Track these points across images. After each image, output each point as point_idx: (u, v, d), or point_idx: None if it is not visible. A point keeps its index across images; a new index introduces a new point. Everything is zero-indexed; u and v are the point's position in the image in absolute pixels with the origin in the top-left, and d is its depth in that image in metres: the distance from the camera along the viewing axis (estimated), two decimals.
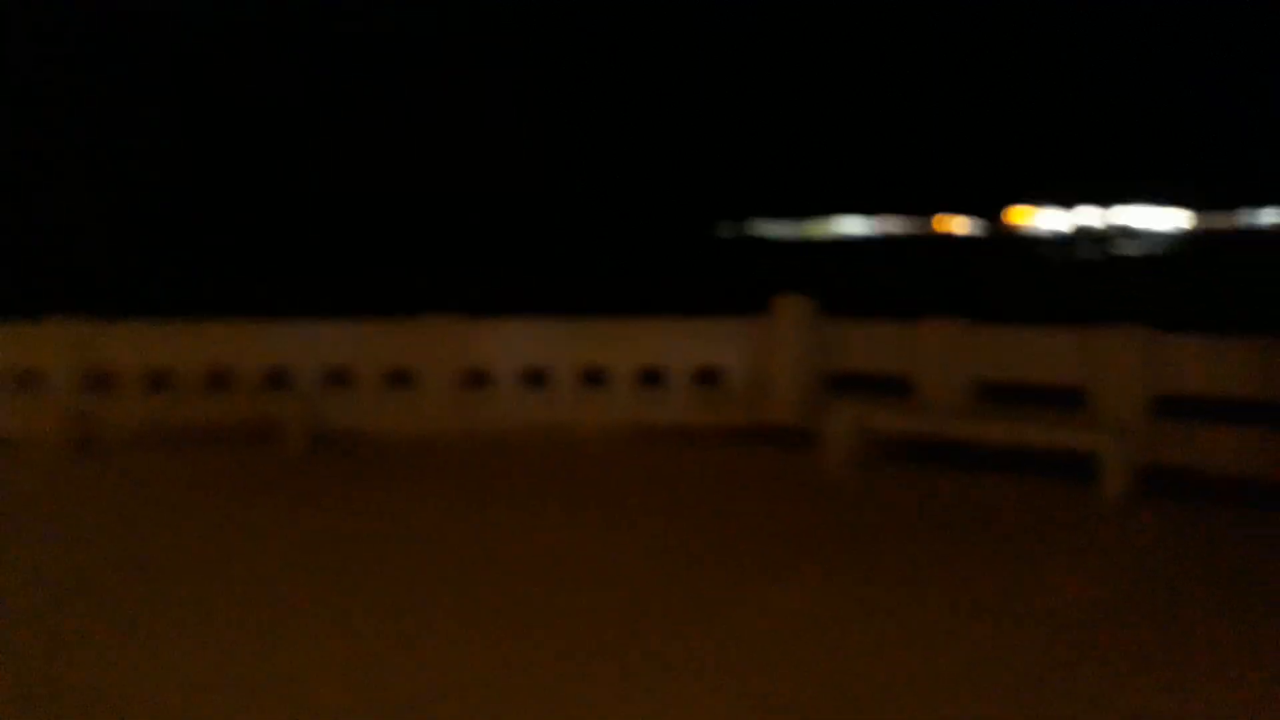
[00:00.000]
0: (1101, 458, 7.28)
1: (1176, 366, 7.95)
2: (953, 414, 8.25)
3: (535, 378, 9.81)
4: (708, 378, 9.82)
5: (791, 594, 5.49)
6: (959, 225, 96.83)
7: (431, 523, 6.84)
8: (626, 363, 9.74)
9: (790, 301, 9.72)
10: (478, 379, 9.79)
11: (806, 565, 5.95)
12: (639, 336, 9.85)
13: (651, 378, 9.82)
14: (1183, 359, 7.97)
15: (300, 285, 32.44)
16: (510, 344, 9.81)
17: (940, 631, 4.96)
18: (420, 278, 37.44)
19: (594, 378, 9.81)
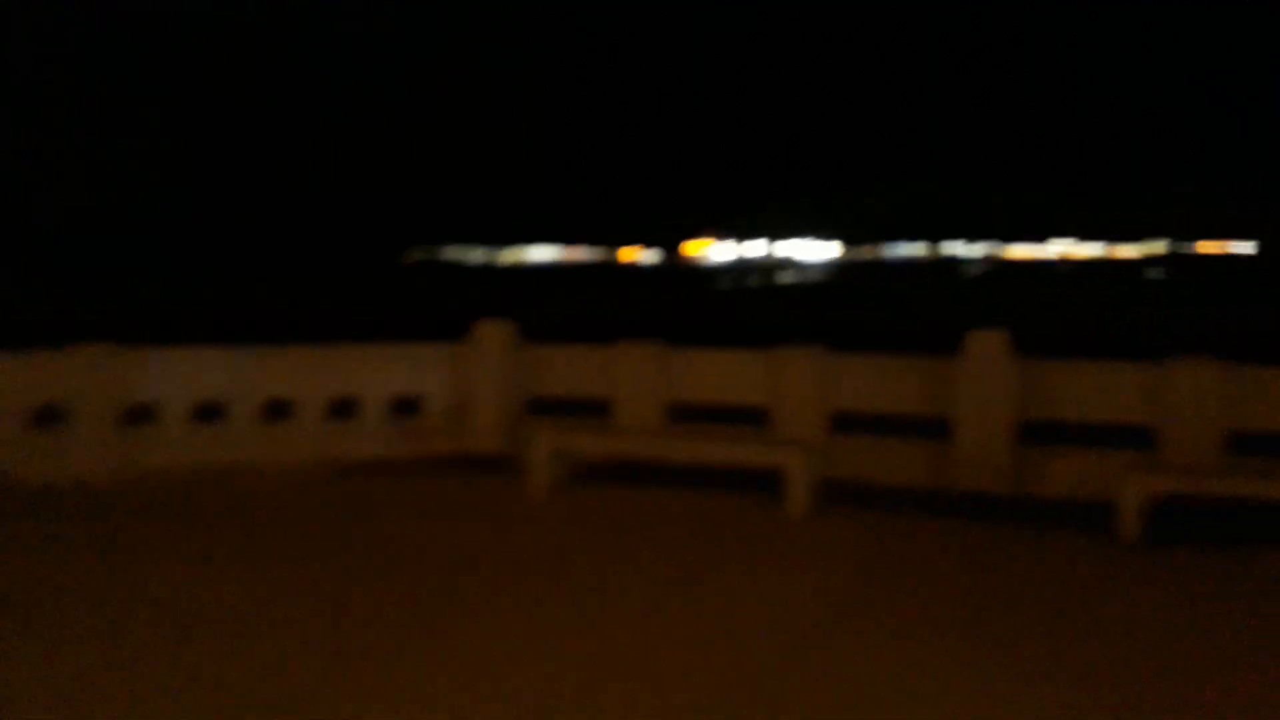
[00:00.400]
0: (786, 473, 7.70)
1: (850, 384, 8.58)
2: (649, 435, 8.46)
3: (212, 412, 9.10)
4: (406, 406, 9.52)
5: (489, 625, 5.38)
6: (641, 255, 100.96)
7: (54, 580, 6.10)
8: (316, 393, 9.25)
9: (491, 326, 9.62)
10: (141, 415, 8.93)
11: (501, 595, 5.85)
12: (330, 365, 9.39)
13: (345, 409, 9.39)
14: (855, 377, 8.62)
15: None
16: (179, 375, 9.01)
17: (632, 656, 4.99)
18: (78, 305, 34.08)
19: (280, 411, 9.24)
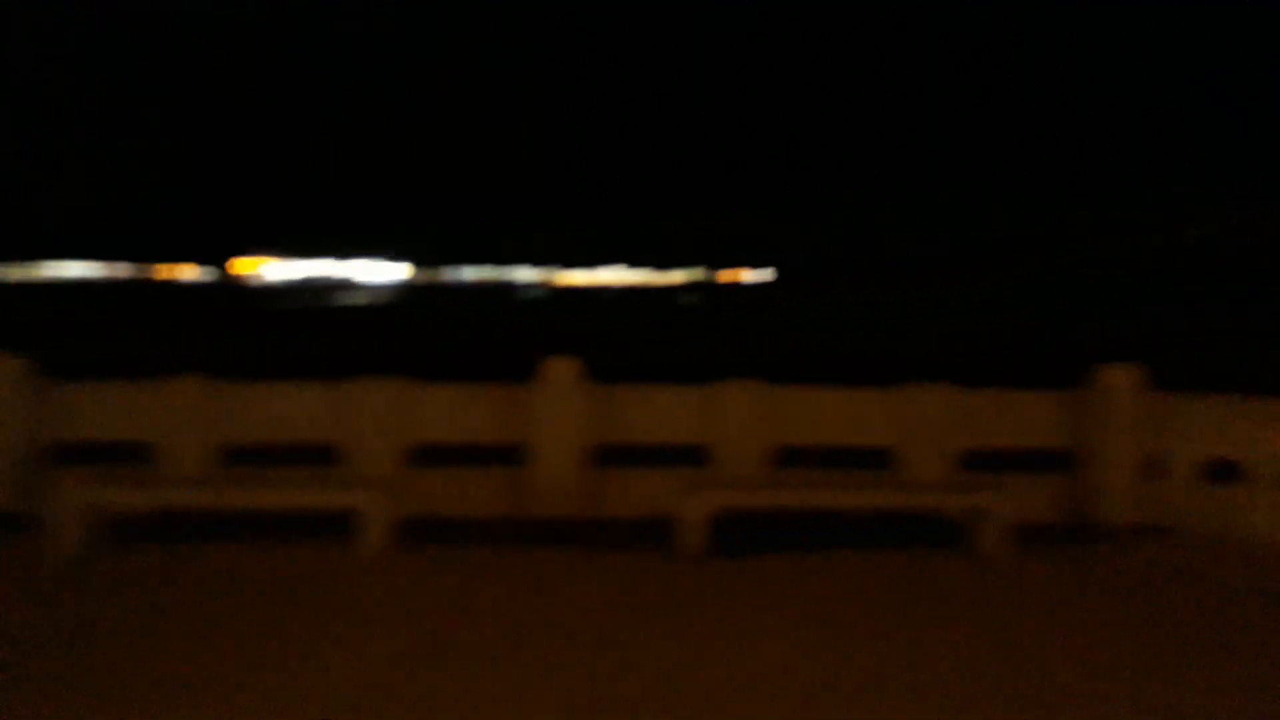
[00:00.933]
0: (359, 514, 7.24)
1: (426, 415, 8.28)
2: (202, 482, 7.60)
3: None
4: None
5: None
6: (186, 272, 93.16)
7: None
8: None
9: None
10: None
11: (8, 690, 4.91)
12: None
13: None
14: (431, 407, 8.33)
15: None
16: None
17: None
18: None
19: None
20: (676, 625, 5.93)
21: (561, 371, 8.31)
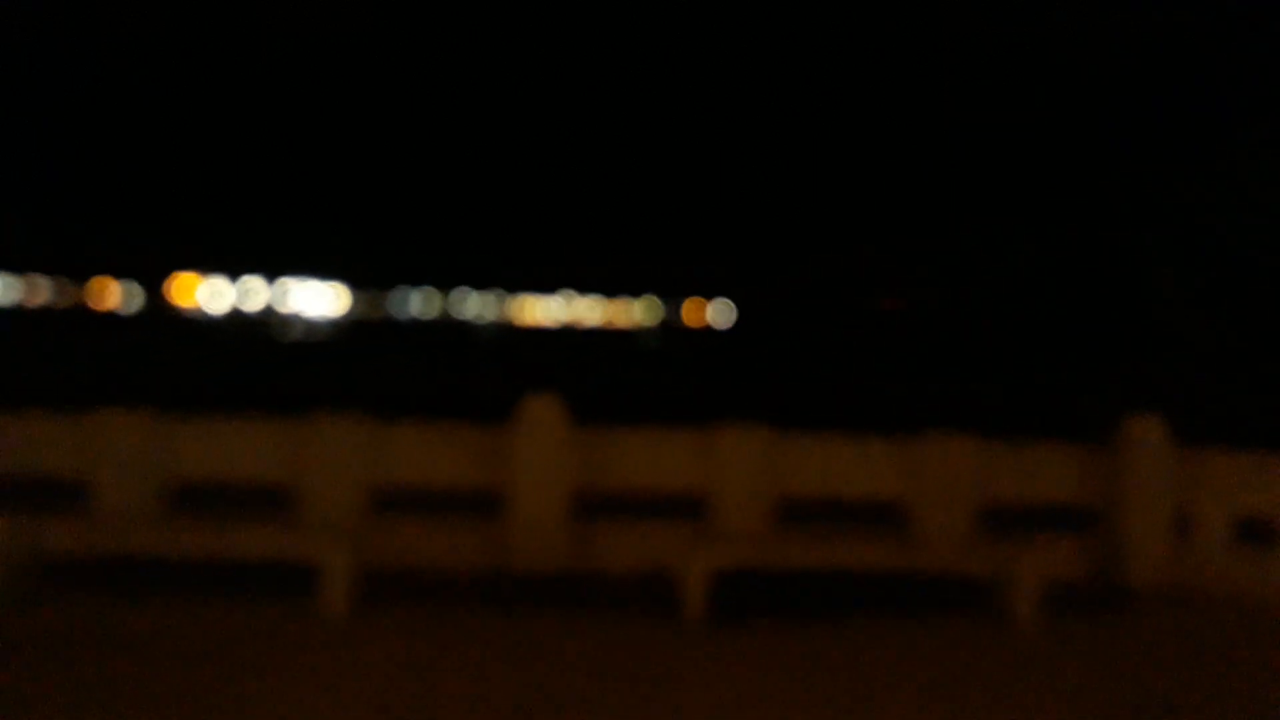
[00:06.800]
0: (321, 567, 6.43)
1: (394, 456, 7.51)
2: (145, 525, 6.73)
3: None
4: None
5: None
6: (114, 294, 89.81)
7: None
8: None
9: None
10: None
11: None
12: None
13: None
14: (399, 447, 7.56)
15: None
16: None
17: None
18: None
19: None
20: (679, 699, 5.22)
21: (542, 411, 7.60)
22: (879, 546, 7.01)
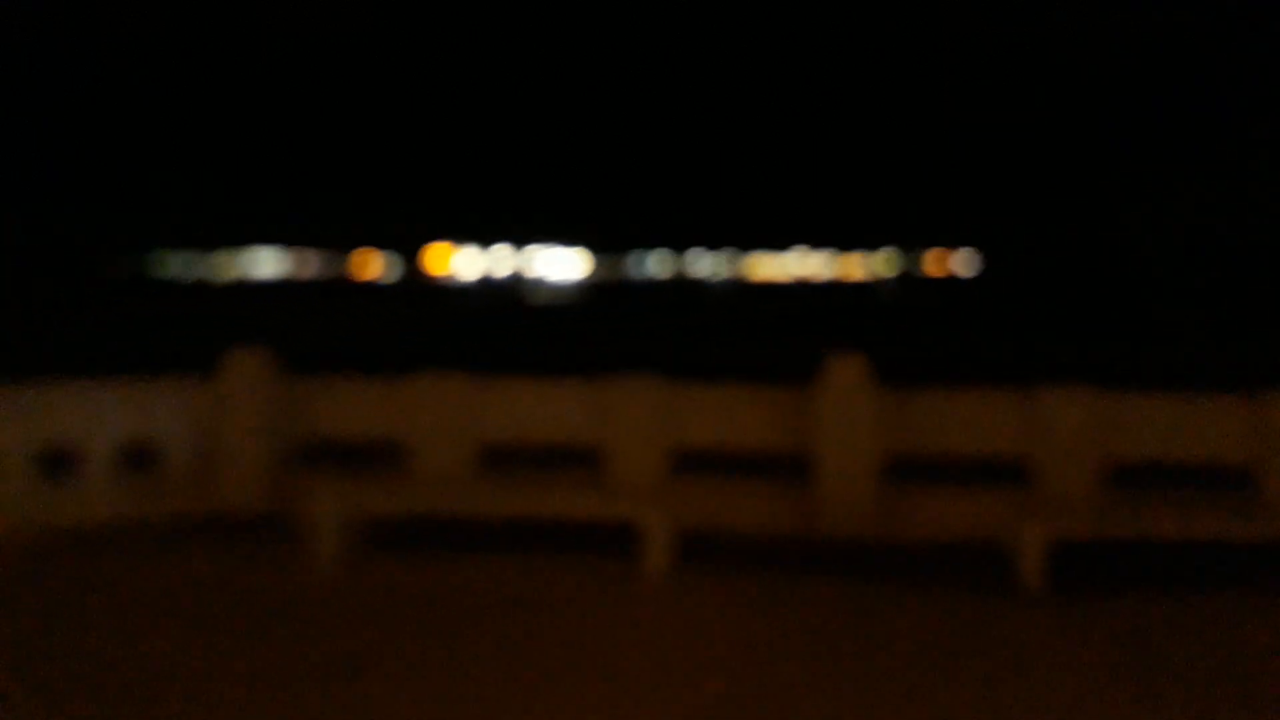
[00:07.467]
0: (641, 529, 6.40)
1: (695, 418, 7.40)
2: (465, 487, 6.91)
3: None
4: (138, 457, 7.51)
5: None
6: (376, 265, 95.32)
7: None
8: (18, 443, 7.11)
9: (246, 354, 7.77)
10: None
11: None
12: (35, 405, 7.26)
13: (58, 461, 7.28)
14: (700, 410, 7.45)
15: None
16: None
17: None
18: None
19: None
20: (1037, 681, 4.83)
21: (848, 371, 7.28)
22: (1236, 516, 6.31)
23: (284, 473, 7.61)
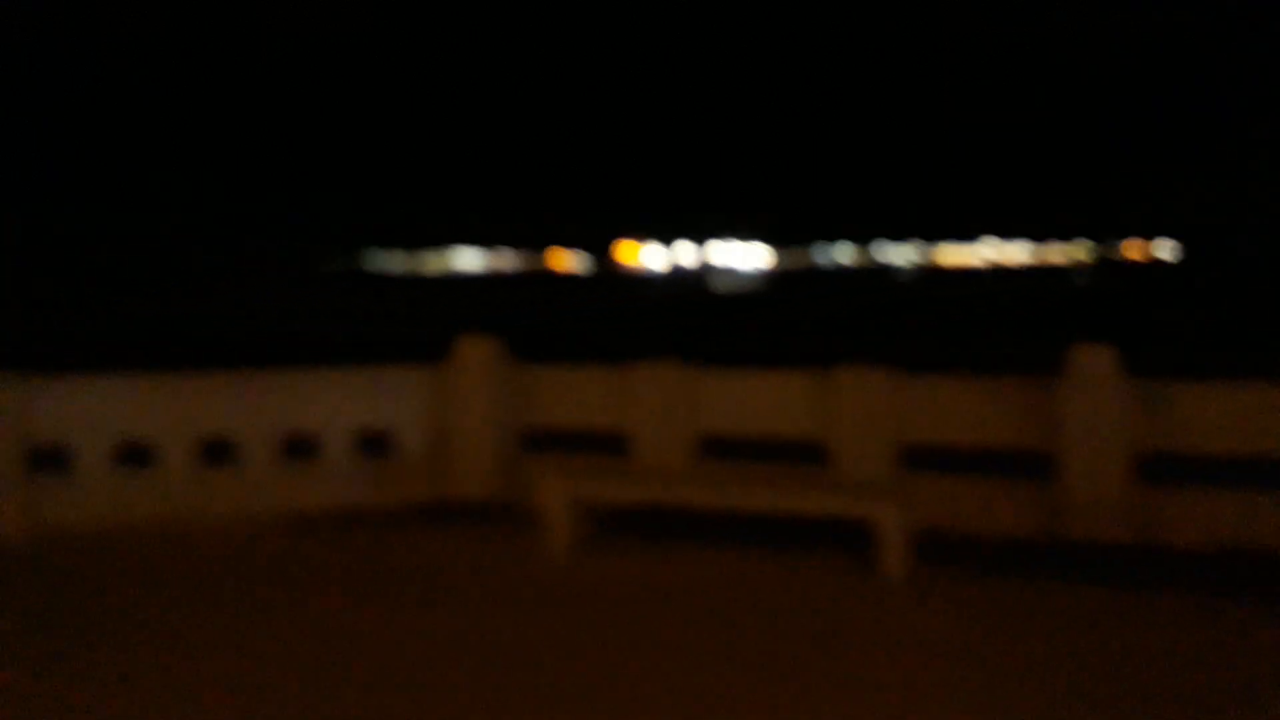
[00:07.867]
0: (878, 528, 6.15)
1: (924, 411, 7.08)
2: (693, 479, 6.82)
3: (137, 455, 7.28)
4: (374, 444, 7.78)
5: None
6: (569, 260, 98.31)
7: None
8: (264, 429, 7.48)
9: (476, 343, 7.93)
10: (46, 460, 7.10)
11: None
12: (281, 393, 7.62)
13: (300, 447, 7.63)
14: (929, 402, 7.11)
15: None
16: (94, 410, 7.21)
17: None
18: None
19: (220, 451, 7.45)
20: None
21: (1096, 361, 6.80)
22: None
23: (511, 460, 7.73)
